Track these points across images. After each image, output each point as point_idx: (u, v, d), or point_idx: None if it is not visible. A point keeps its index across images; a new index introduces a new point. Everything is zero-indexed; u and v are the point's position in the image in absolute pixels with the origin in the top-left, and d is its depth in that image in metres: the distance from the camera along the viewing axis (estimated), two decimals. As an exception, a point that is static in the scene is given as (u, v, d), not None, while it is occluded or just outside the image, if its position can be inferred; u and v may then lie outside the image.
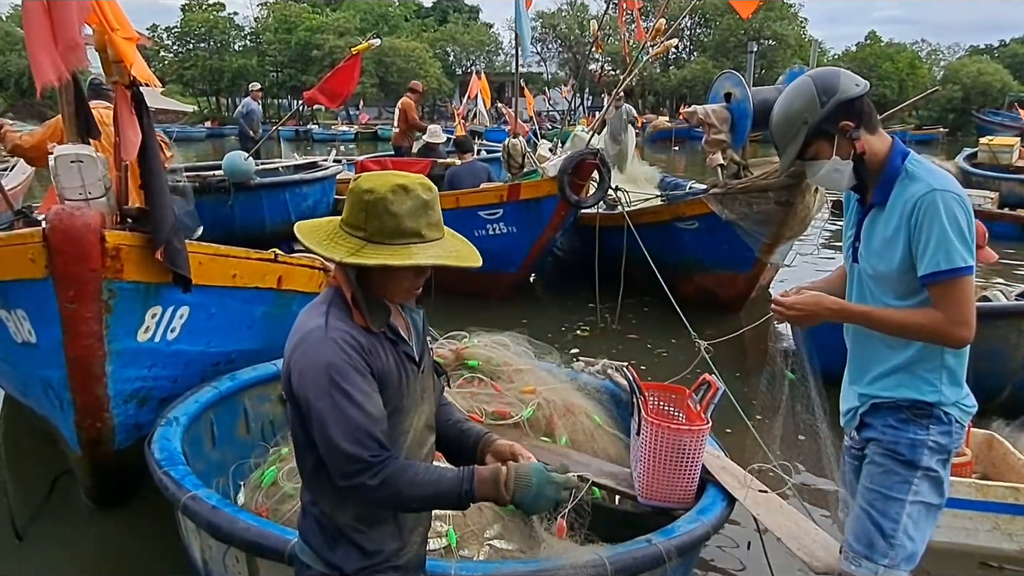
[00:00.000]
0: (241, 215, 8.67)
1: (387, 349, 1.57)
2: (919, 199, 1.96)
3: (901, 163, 2.05)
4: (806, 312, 2.14)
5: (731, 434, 4.06)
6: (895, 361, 2.11)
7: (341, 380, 1.46)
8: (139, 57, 3.04)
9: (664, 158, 17.25)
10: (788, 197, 6.03)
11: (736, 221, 6.31)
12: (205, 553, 2.62)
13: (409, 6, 56.32)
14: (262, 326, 4.11)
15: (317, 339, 1.49)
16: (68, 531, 3.56)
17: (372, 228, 1.49)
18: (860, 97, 2.05)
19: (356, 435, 1.46)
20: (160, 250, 3.11)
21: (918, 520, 2.11)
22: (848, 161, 2.07)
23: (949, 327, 1.97)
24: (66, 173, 2.97)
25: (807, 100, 2.06)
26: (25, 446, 4.41)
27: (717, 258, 6.81)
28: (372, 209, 1.48)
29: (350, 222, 1.53)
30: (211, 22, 44.95)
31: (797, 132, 2.08)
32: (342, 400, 1.46)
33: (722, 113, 6.60)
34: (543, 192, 6.96)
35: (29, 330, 3.24)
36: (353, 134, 34.43)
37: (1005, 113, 36.22)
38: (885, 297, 2.10)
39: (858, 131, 2.05)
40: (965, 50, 56.34)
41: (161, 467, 2.70)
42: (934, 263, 1.94)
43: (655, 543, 2.26)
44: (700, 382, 2.76)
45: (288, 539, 2.18)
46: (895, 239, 2.02)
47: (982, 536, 3.41)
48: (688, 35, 49.46)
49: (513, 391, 3.23)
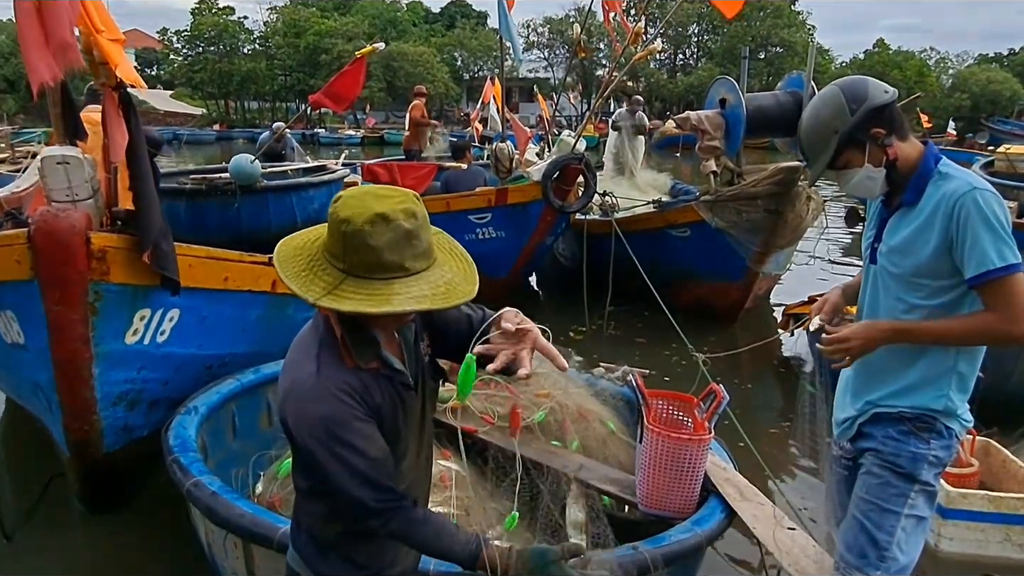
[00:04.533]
0: (247, 218, 8.68)
1: (382, 386, 1.49)
2: (960, 197, 1.92)
3: (934, 165, 2.02)
4: (864, 342, 2.06)
5: (743, 447, 4.03)
6: (913, 373, 2.07)
7: (341, 432, 1.40)
8: (125, 58, 3.03)
9: (671, 165, 17.19)
10: (777, 205, 5.96)
11: (726, 229, 6.24)
12: (208, 537, 2.72)
13: (417, 11, 56.58)
14: (257, 329, 4.08)
15: (310, 388, 1.42)
16: (58, 534, 3.54)
17: (351, 262, 1.36)
18: (890, 104, 2.03)
19: (362, 483, 1.43)
20: (147, 252, 3.08)
21: (911, 533, 2.09)
22: (881, 169, 2.05)
23: (1009, 325, 1.91)
24: (53, 175, 2.94)
25: (836, 109, 2.04)
26: (23, 447, 4.40)
27: (709, 267, 6.71)
28: (349, 242, 1.35)
29: (331, 250, 1.40)
30: (220, 26, 45.20)
31: (828, 141, 2.06)
32: (344, 452, 1.41)
33: (716, 119, 6.51)
34: (530, 197, 6.91)
35: (18, 331, 3.23)
36: (360, 138, 34.58)
37: (1015, 122, 36.11)
38: (906, 296, 2.06)
39: (890, 138, 2.03)
40: (974, 58, 56.17)
41: (172, 453, 2.80)
42: (987, 261, 1.89)
43: (641, 551, 2.23)
44: (707, 391, 2.72)
45: (279, 527, 2.26)
46: (925, 235, 1.99)
47: (993, 547, 3.40)
48: (696, 42, 49.51)
49: (527, 394, 3.20)
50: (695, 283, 6.79)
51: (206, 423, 3.17)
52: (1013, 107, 42.42)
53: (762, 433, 4.49)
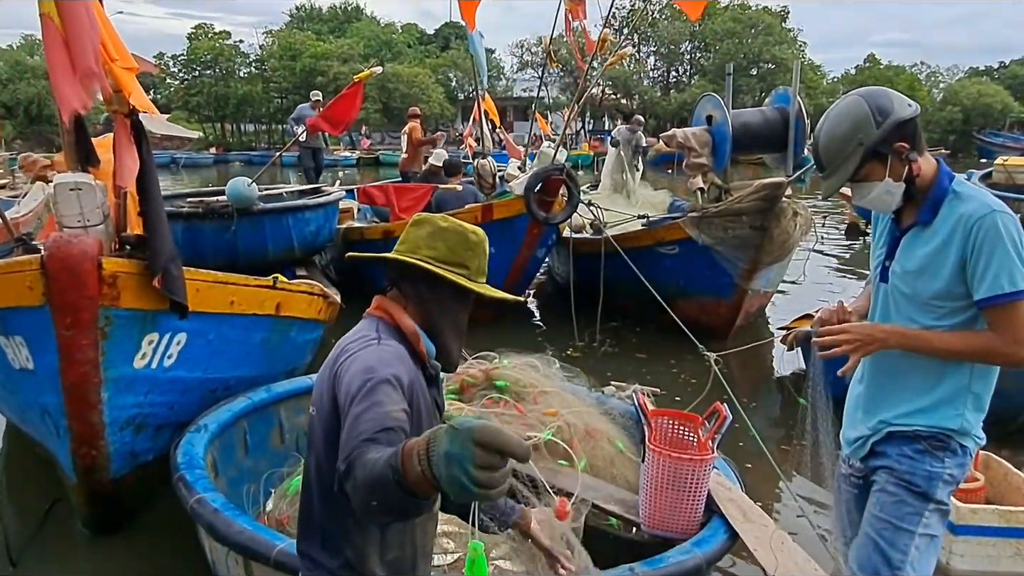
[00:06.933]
0: (244, 241, 8.68)
1: (422, 381, 1.61)
2: (979, 219, 1.92)
3: (948, 184, 2.02)
4: (862, 338, 2.05)
5: (752, 469, 4.04)
6: (930, 393, 2.06)
7: (385, 371, 1.48)
8: (138, 86, 3.09)
9: (666, 181, 17.27)
10: (762, 221, 5.97)
11: (713, 246, 6.25)
12: (213, 554, 2.78)
13: (412, 33, 56.91)
14: (261, 352, 4.11)
15: (367, 350, 1.54)
16: (63, 558, 3.53)
17: (474, 267, 1.68)
18: (913, 118, 2.01)
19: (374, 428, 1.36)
20: (158, 277, 3.12)
21: (924, 552, 2.07)
22: (900, 183, 2.03)
23: (1011, 347, 1.92)
24: (65, 201, 2.99)
25: (861, 121, 2.00)
26: (24, 472, 4.40)
27: (698, 284, 6.68)
28: (477, 249, 1.68)
29: (451, 260, 1.65)
30: (216, 50, 45.40)
31: (851, 154, 2.02)
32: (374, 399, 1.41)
33: (703, 136, 6.52)
34: (515, 211, 6.94)
35: (27, 357, 3.25)
36: (355, 160, 34.61)
37: (1007, 134, 36.36)
38: (919, 317, 2.05)
39: (914, 152, 2.01)
40: (965, 72, 56.68)
41: (178, 470, 2.84)
42: (997, 285, 1.90)
43: (637, 572, 2.24)
44: (711, 410, 2.72)
45: (275, 544, 2.32)
46: (942, 258, 1.98)
47: (1004, 562, 3.39)
48: (688, 59, 49.89)
49: (536, 413, 3.22)
50: (685, 300, 6.74)
51: (216, 441, 3.22)
52: (1004, 119, 42.76)
53: (772, 450, 4.50)
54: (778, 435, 4.93)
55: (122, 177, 3.07)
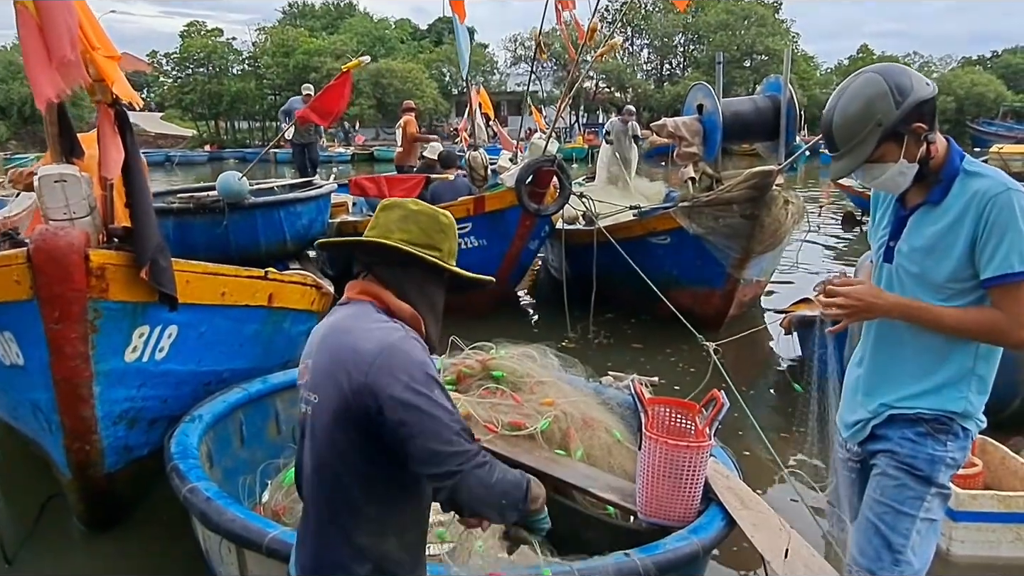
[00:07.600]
0: (236, 235, 8.64)
1: None
2: (994, 196, 1.87)
3: (960, 163, 1.96)
4: (863, 303, 1.99)
5: (749, 456, 4.02)
6: (934, 375, 2.02)
7: (437, 376, 1.53)
8: (121, 75, 3.04)
9: (660, 172, 17.25)
10: (753, 210, 5.95)
11: (704, 235, 6.22)
12: (206, 543, 2.76)
13: (405, 28, 56.80)
14: (254, 344, 4.08)
15: (402, 339, 1.53)
16: (59, 555, 3.51)
17: (446, 249, 1.66)
18: (932, 98, 1.93)
19: (457, 420, 1.51)
20: (145, 269, 3.08)
21: (925, 537, 2.05)
22: (914, 164, 1.95)
23: (1014, 327, 1.89)
24: (50, 193, 2.95)
25: (880, 99, 1.90)
26: (16, 469, 4.36)
27: (691, 274, 6.66)
28: (448, 231, 1.68)
29: (424, 242, 1.63)
30: (209, 47, 45.26)
31: (868, 134, 1.92)
32: (441, 394, 1.51)
33: (693, 126, 6.51)
34: (507, 203, 6.93)
35: (16, 352, 3.21)
36: (349, 155, 34.55)
37: (1000, 123, 36.45)
38: (924, 297, 1.99)
39: (932, 133, 1.93)
40: (958, 61, 56.76)
41: (172, 460, 2.83)
42: (1008, 264, 1.85)
43: (633, 558, 2.21)
44: (708, 398, 2.70)
45: (268, 531, 2.31)
46: (953, 236, 1.93)
47: (1005, 548, 3.39)
48: (682, 52, 49.90)
49: (532, 403, 3.19)
50: (678, 290, 6.67)
51: (211, 431, 3.20)
52: (998, 108, 42.85)
53: (770, 437, 4.49)
54: (776, 423, 4.91)
55: (107, 168, 3.02)
